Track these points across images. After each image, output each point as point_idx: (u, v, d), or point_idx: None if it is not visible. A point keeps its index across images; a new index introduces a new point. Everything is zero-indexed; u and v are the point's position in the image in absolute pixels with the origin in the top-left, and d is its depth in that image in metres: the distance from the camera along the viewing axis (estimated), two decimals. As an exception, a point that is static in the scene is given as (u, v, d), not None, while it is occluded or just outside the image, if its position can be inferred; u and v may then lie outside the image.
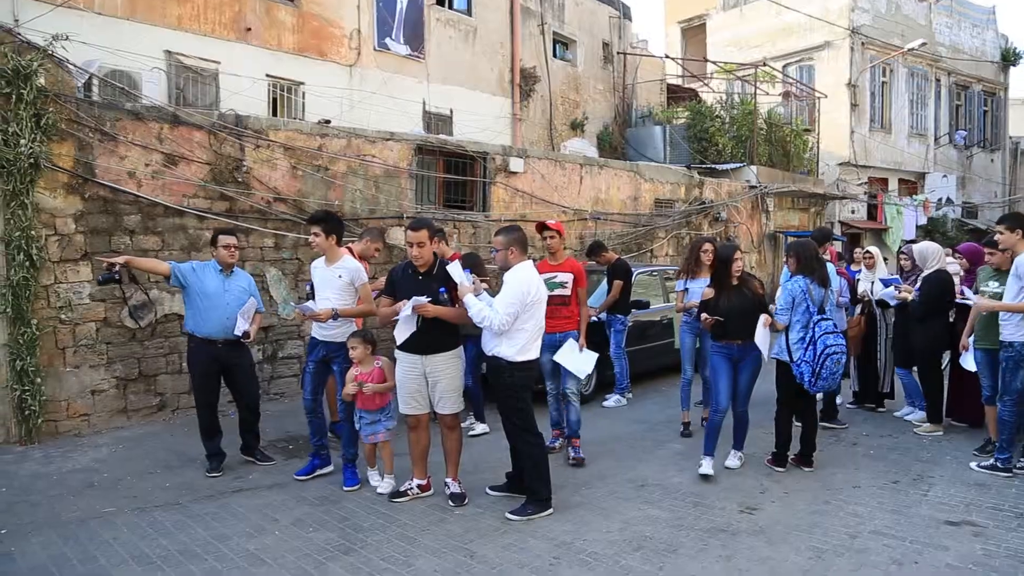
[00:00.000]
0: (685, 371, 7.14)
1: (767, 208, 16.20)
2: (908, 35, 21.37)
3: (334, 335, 5.45)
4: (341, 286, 5.40)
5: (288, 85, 11.77)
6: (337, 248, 5.50)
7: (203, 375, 5.79)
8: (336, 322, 5.38)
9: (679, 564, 4.18)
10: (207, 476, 5.68)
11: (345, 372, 5.39)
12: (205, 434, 5.83)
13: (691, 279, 6.98)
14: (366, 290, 5.51)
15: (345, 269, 5.42)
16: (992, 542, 4.49)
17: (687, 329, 7.11)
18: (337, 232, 5.49)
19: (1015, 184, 26.89)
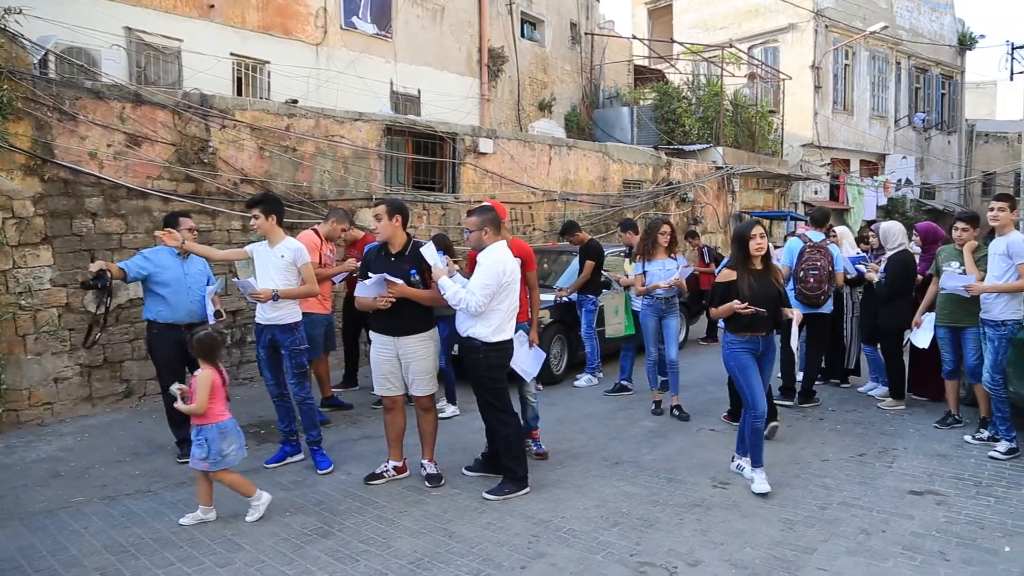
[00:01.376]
0: (650, 352, 7.11)
1: (733, 189, 16.38)
2: (870, 18, 21.65)
3: (278, 317, 5.29)
4: (283, 267, 5.26)
5: (253, 64, 11.55)
6: (279, 229, 5.35)
7: (170, 361, 5.67)
8: (277, 303, 5.25)
9: (656, 539, 4.24)
10: (178, 463, 5.60)
11: (294, 356, 5.33)
12: (174, 421, 5.74)
13: (648, 261, 6.94)
14: (308, 270, 5.38)
15: (288, 249, 5.29)
16: (953, 510, 4.64)
17: (649, 312, 7.03)
18: (277, 212, 5.34)
19: (970, 166, 27.51)
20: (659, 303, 6.93)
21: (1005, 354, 5.73)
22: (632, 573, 3.84)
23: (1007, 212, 5.76)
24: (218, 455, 4.41)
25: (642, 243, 7.09)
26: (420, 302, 4.92)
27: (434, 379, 5.13)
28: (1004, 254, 5.65)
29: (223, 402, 4.53)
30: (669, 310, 6.96)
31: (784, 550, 4.10)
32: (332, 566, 3.92)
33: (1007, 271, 5.65)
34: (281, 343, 5.34)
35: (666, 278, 6.83)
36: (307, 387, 5.46)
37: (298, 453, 5.64)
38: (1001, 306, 5.69)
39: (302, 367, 5.44)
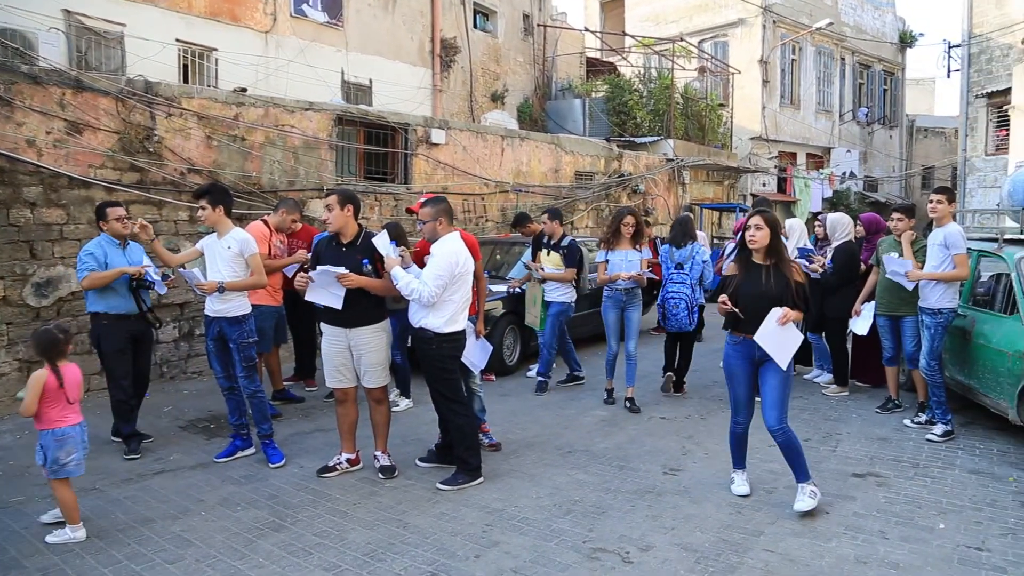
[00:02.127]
0: (610, 345, 7.07)
1: (683, 180, 16.59)
2: (816, 15, 22.10)
3: (226, 310, 5.22)
4: (231, 258, 5.19)
5: (200, 51, 11.29)
6: (227, 219, 5.27)
7: (119, 353, 5.57)
8: (225, 296, 5.17)
9: (608, 525, 4.30)
10: (125, 459, 5.48)
11: (242, 349, 5.24)
12: (123, 416, 5.62)
13: (611, 250, 6.91)
14: (256, 261, 5.29)
15: (235, 240, 5.21)
16: (893, 490, 4.82)
17: (610, 304, 6.98)
18: (224, 203, 5.25)
19: (911, 159, 28.32)
20: (620, 294, 6.90)
21: (941, 341, 5.95)
22: (585, 559, 3.89)
23: (944, 204, 5.98)
24: (55, 463, 4.07)
25: (606, 232, 7.09)
26: (373, 292, 4.90)
27: (386, 370, 5.12)
28: (942, 244, 5.86)
29: (64, 406, 4.12)
30: (631, 302, 6.94)
31: (733, 533, 4.20)
32: (285, 560, 3.89)
33: (944, 261, 5.86)
34: (229, 336, 5.26)
35: (628, 269, 6.78)
36: (257, 380, 5.39)
37: (249, 447, 5.56)
38: (938, 295, 5.90)
39: (251, 360, 5.36)
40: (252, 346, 5.38)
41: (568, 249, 7.40)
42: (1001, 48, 20.65)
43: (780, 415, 4.52)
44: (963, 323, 6.21)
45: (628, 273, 6.78)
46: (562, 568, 3.79)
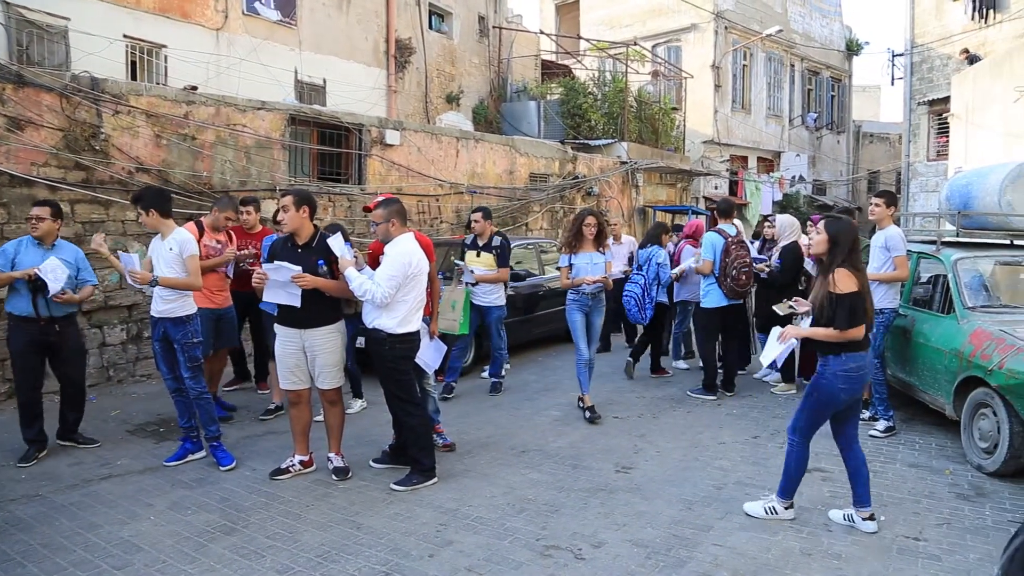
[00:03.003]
0: (581, 351, 6.68)
1: (637, 183, 16.79)
2: (766, 21, 22.58)
3: (170, 310, 5.15)
4: (172, 259, 5.10)
5: (148, 47, 11.07)
6: (165, 221, 5.18)
7: (19, 355, 5.42)
8: (168, 296, 5.12)
9: (561, 523, 4.35)
10: (19, 467, 5.27)
11: (186, 349, 5.17)
12: (24, 419, 5.45)
13: (574, 253, 6.64)
14: (193, 262, 5.18)
15: (175, 241, 5.14)
16: (837, 485, 4.96)
17: (575, 307, 6.70)
18: (157, 206, 5.13)
19: (857, 164, 29.08)
20: (586, 298, 6.66)
21: (883, 340, 6.15)
22: (538, 556, 3.93)
23: (883, 208, 6.19)
24: None
25: (567, 234, 6.84)
26: (328, 293, 4.88)
27: (341, 372, 5.09)
28: (883, 247, 6.06)
29: None
30: (596, 306, 6.73)
31: (683, 528, 4.28)
32: (237, 563, 3.85)
33: (885, 263, 6.06)
34: (173, 336, 5.19)
35: (593, 272, 6.56)
36: (203, 381, 5.32)
37: (199, 450, 5.47)
38: (880, 295, 6.09)
39: (196, 360, 5.27)
40: (197, 347, 5.30)
41: (500, 249, 7.36)
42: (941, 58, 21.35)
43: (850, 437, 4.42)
44: (904, 323, 6.42)
45: (594, 277, 6.58)
46: (515, 566, 3.83)
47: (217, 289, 6.35)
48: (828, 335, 4.14)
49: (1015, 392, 4.97)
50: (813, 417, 4.31)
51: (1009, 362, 5.08)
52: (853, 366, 4.16)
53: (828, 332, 4.13)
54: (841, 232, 4.23)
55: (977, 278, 6.29)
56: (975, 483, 5.04)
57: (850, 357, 4.15)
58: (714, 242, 7.33)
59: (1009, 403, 5.02)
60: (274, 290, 4.83)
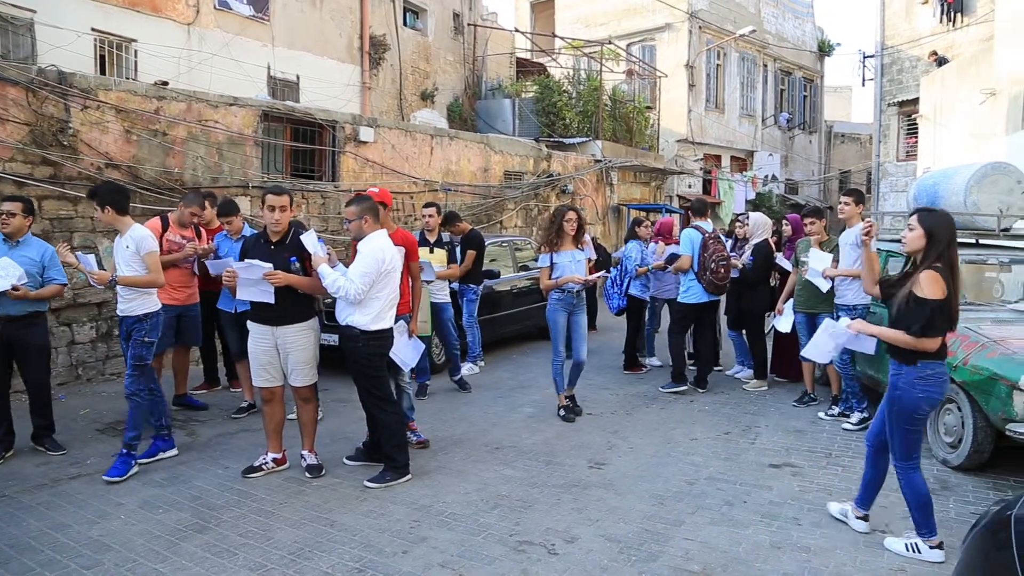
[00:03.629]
0: (559, 352, 6.56)
1: (611, 181, 16.87)
2: (740, 22, 22.78)
3: (131, 308, 5.07)
4: (129, 257, 5.01)
5: (118, 42, 10.91)
6: (122, 218, 5.06)
7: None
8: (128, 294, 5.04)
9: (534, 518, 4.38)
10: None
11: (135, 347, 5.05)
12: None
13: (556, 252, 6.41)
14: (152, 259, 5.05)
15: (131, 239, 5.02)
16: (807, 480, 5.05)
17: (559, 307, 6.50)
18: (113, 203, 4.99)
19: (829, 163, 29.46)
20: (570, 297, 6.46)
21: None
22: (512, 551, 3.95)
23: (852, 206, 6.33)
24: None
25: (547, 233, 6.57)
26: (301, 290, 4.86)
27: (314, 369, 5.07)
28: (854, 244, 6.17)
29: None
30: (579, 305, 6.56)
31: (655, 523, 4.33)
32: (209, 561, 3.83)
33: (856, 260, 6.16)
34: (132, 334, 5.12)
35: (577, 270, 6.38)
36: (141, 382, 5.07)
37: (171, 448, 5.41)
38: (853, 292, 6.21)
39: (140, 360, 5.08)
40: (146, 346, 5.12)
41: (451, 245, 7.50)
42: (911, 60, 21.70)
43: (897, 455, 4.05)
44: (873, 319, 6.52)
45: (582, 276, 6.40)
46: (489, 561, 3.84)
47: (180, 285, 6.27)
48: (899, 339, 3.80)
49: (978, 388, 5.08)
50: (907, 437, 3.91)
51: (973, 359, 5.19)
52: (930, 372, 3.83)
53: (900, 336, 3.80)
54: (938, 226, 3.82)
55: (943, 276, 6.40)
56: (940, 477, 5.14)
57: (926, 365, 3.82)
58: (692, 238, 7.42)
59: (973, 399, 5.13)
60: (247, 288, 4.80)
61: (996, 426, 4.98)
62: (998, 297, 6.68)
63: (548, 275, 6.43)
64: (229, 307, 6.38)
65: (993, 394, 4.96)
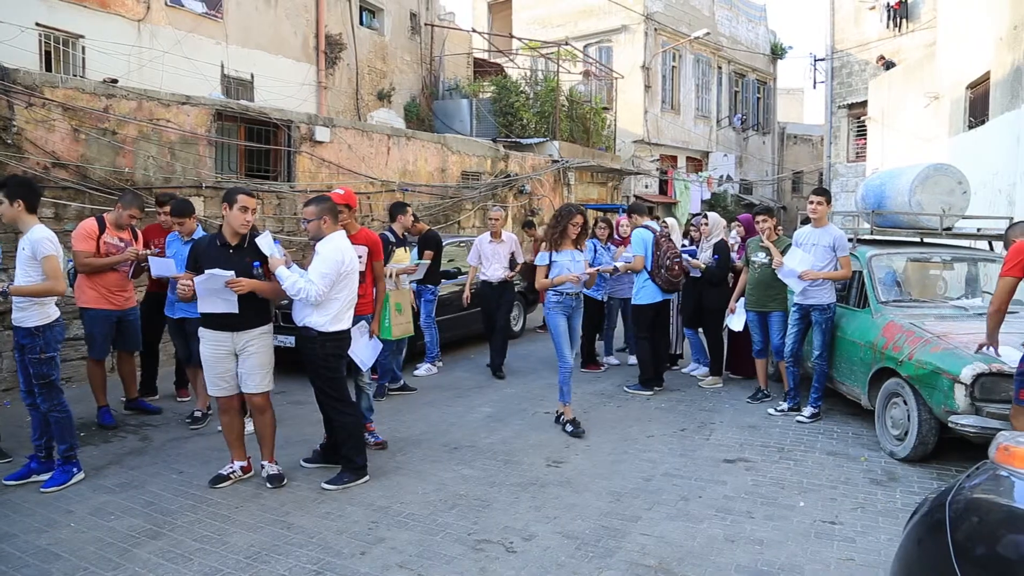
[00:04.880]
0: (566, 359, 6.18)
1: (568, 182, 16.98)
2: (694, 24, 23.10)
3: (22, 319, 4.70)
4: (25, 260, 4.66)
5: (64, 37, 10.64)
6: (28, 216, 4.74)
7: None
8: (20, 303, 4.70)
9: (492, 517, 4.40)
10: None
11: (34, 364, 4.71)
12: None
13: (556, 252, 6.15)
14: (50, 265, 4.63)
15: (28, 241, 4.64)
16: (760, 474, 5.15)
17: (559, 310, 6.18)
18: (24, 197, 4.67)
19: (782, 164, 30.06)
20: (568, 300, 6.19)
21: (829, 335, 6.40)
22: (470, 551, 3.97)
23: (824, 206, 6.47)
24: None
25: (550, 231, 6.29)
26: (262, 295, 4.78)
27: (270, 375, 4.94)
28: (829, 247, 6.31)
29: None
30: (577, 308, 6.31)
31: (612, 520, 4.38)
32: (163, 567, 3.77)
33: (830, 262, 6.30)
34: (23, 348, 4.75)
35: (575, 271, 6.12)
36: (57, 398, 4.84)
37: (45, 471, 4.93)
38: (825, 292, 6.35)
39: (45, 378, 4.77)
40: (47, 363, 4.77)
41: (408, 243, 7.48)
42: (859, 63, 22.27)
43: None
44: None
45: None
46: (447, 560, 3.85)
47: (118, 289, 6.12)
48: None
49: (923, 382, 5.24)
50: None
51: (918, 353, 5.35)
52: None
53: None
54: None
55: (890, 274, 6.61)
56: (887, 469, 5.29)
57: None
58: (644, 237, 7.47)
59: (918, 392, 5.30)
60: (209, 298, 4.63)
61: (940, 419, 5.14)
62: (941, 294, 6.91)
63: (545, 274, 6.16)
64: (171, 313, 6.23)
65: (936, 388, 5.12)
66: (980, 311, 5.81)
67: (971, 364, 4.94)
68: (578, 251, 6.24)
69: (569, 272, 6.07)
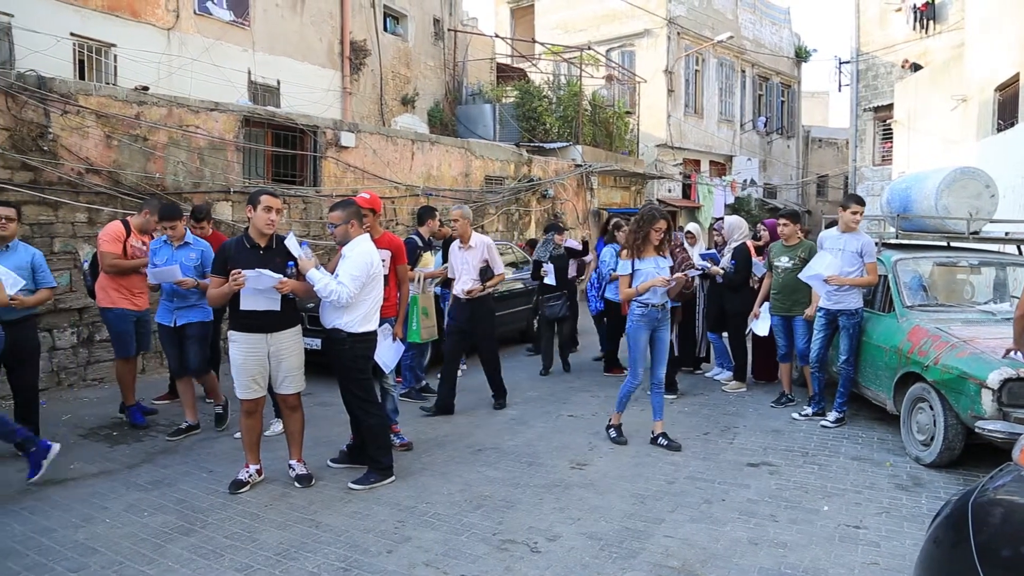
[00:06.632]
0: (637, 374, 5.89)
1: (591, 186, 17.01)
2: (718, 28, 23.02)
3: None
4: None
5: (97, 47, 10.88)
6: None
7: None
8: None
9: (517, 518, 4.45)
10: None
11: None
12: None
13: (639, 259, 5.79)
14: None
15: None
16: (784, 478, 5.15)
17: (643, 323, 5.80)
18: None
19: (807, 168, 29.84)
20: (654, 312, 5.78)
21: (856, 340, 6.38)
22: (495, 550, 4.02)
23: (862, 214, 6.46)
24: None
25: (631, 238, 5.91)
26: (295, 296, 4.87)
27: (303, 375, 5.02)
28: (856, 252, 6.29)
29: None
30: (664, 320, 5.88)
31: (635, 522, 4.41)
32: (195, 563, 3.86)
33: (858, 268, 6.29)
34: None
35: None
36: None
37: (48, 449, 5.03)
38: (853, 297, 6.33)
39: None
40: None
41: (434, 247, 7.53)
42: (885, 66, 22.07)
43: None
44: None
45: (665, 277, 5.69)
46: (473, 560, 3.91)
47: (139, 291, 6.22)
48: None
49: (949, 387, 5.21)
50: None
51: (944, 358, 5.33)
52: None
53: None
54: None
55: (916, 278, 6.58)
56: (913, 474, 5.27)
57: None
58: None
59: (944, 397, 5.27)
60: (253, 297, 4.69)
61: (966, 424, 5.11)
62: (968, 298, 6.86)
63: (628, 283, 5.79)
64: (166, 320, 6.04)
65: (963, 393, 5.09)
66: (1008, 316, 5.76)
67: (998, 369, 4.91)
68: (662, 258, 5.84)
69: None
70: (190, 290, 5.87)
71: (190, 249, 5.96)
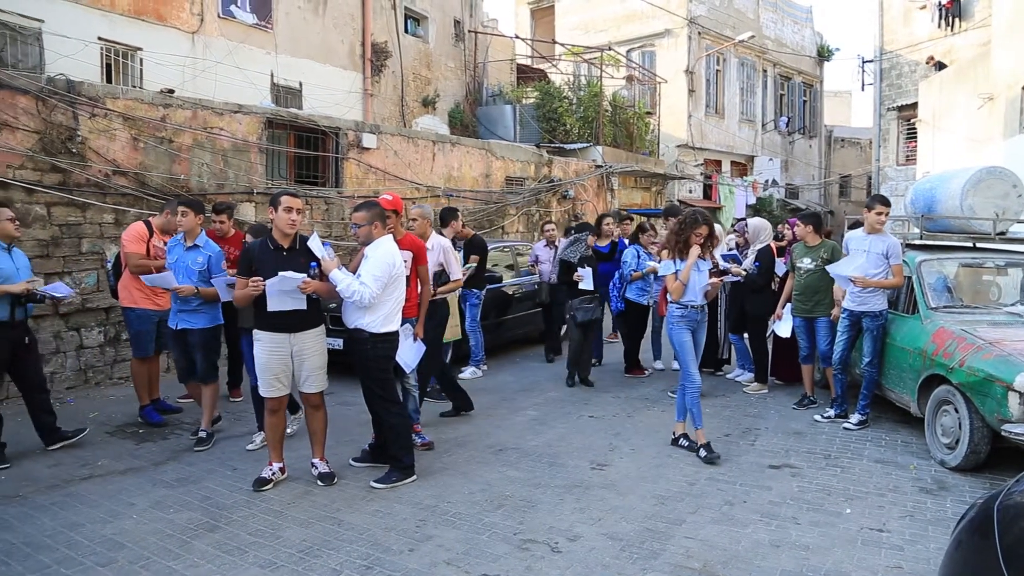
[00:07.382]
0: (692, 377, 5.70)
1: (612, 186, 16.98)
2: (739, 27, 22.89)
3: None
4: None
5: (124, 50, 11.03)
6: None
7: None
8: None
9: (538, 517, 4.47)
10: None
11: None
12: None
13: (681, 260, 5.78)
14: None
15: None
16: (806, 480, 5.13)
17: (683, 324, 5.81)
18: None
19: (829, 168, 29.58)
20: (694, 312, 5.81)
21: (880, 341, 6.33)
22: (516, 550, 4.04)
23: (888, 215, 6.40)
24: None
25: (674, 238, 5.89)
26: (319, 296, 4.91)
27: (325, 374, 5.07)
28: (882, 254, 6.23)
29: None
30: (703, 320, 5.94)
31: (656, 522, 4.41)
32: (220, 559, 3.92)
33: (883, 269, 6.23)
34: None
35: (700, 280, 5.80)
36: None
37: None
38: (877, 299, 6.29)
39: None
40: None
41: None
42: (909, 64, 21.81)
43: None
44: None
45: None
46: (494, 559, 3.93)
47: (161, 291, 6.26)
48: None
49: (975, 389, 5.16)
50: None
51: (969, 360, 5.27)
52: None
53: None
54: None
55: (940, 279, 6.51)
56: (937, 477, 5.22)
57: None
58: None
59: (969, 400, 5.21)
60: (279, 297, 4.75)
61: (992, 427, 5.06)
62: (994, 300, 6.77)
63: (673, 281, 5.78)
64: (172, 323, 5.97)
65: (989, 395, 5.04)
66: (1035, 317, 5.69)
67: (1025, 371, 4.85)
68: (702, 260, 5.84)
69: (696, 281, 5.75)
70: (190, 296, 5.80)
71: (198, 252, 5.85)
